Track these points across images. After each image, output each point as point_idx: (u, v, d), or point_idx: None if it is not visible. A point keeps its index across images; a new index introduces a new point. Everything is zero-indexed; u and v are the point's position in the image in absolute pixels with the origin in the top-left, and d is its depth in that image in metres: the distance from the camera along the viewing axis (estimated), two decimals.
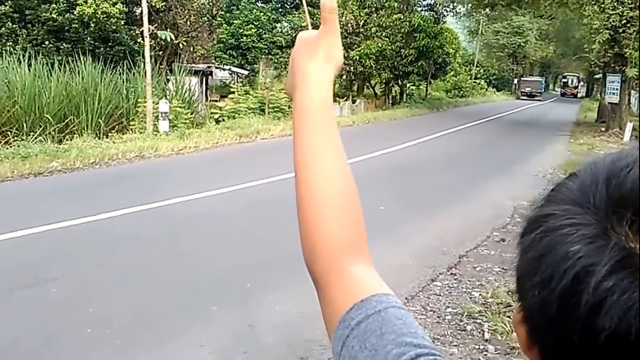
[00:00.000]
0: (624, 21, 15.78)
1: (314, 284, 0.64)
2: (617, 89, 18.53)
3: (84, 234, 5.77)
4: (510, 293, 4.48)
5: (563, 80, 56.50)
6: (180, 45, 18.70)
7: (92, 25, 16.65)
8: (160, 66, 16.86)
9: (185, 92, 15.88)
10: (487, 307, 4.33)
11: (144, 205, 6.78)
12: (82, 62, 13.75)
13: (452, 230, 6.37)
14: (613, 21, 15.76)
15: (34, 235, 5.60)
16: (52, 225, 5.85)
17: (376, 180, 9.47)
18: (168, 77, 16.37)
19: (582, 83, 58.29)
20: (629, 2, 15.43)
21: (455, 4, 26.81)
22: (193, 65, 19.41)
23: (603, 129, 18.89)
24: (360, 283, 0.59)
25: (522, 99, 42.84)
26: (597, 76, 37.03)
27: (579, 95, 54.84)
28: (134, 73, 14.86)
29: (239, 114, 15.88)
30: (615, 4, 15.54)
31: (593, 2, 16.16)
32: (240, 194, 7.75)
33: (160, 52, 18.01)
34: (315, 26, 0.72)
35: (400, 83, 28.06)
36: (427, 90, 30.50)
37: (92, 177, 8.86)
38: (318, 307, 0.62)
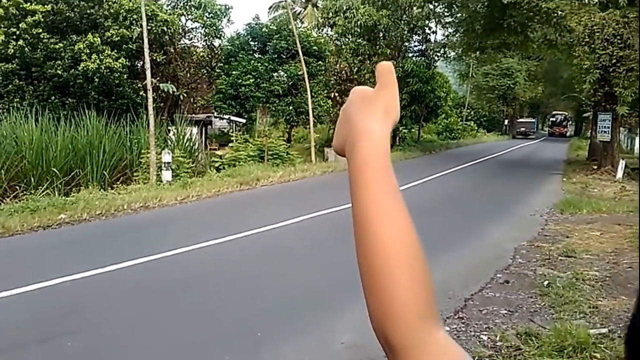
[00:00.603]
0: (614, 60, 16.18)
1: (386, 350, 0.59)
2: (608, 127, 18.83)
3: (94, 286, 5.91)
4: (519, 335, 4.54)
5: (551, 119, 55.91)
6: (181, 96, 19.26)
7: (96, 80, 17.22)
8: (162, 117, 17.35)
9: (187, 142, 16.28)
10: (497, 351, 4.34)
11: (151, 256, 6.93)
12: (87, 116, 14.19)
13: (455, 274, 6.48)
14: (603, 61, 16.16)
15: (45, 289, 5.71)
16: (63, 278, 5.97)
17: None
18: (169, 128, 16.82)
19: (570, 121, 57.45)
20: (618, 41, 15.91)
21: (446, 49, 27.67)
22: (193, 115, 19.97)
23: (595, 167, 19.09)
24: (450, 350, 0.57)
25: (517, 138, 46.65)
26: (586, 114, 37.93)
27: (568, 133, 54.44)
28: (136, 125, 15.28)
29: (239, 162, 16.25)
30: (605, 44, 15.97)
31: (583, 43, 16.58)
32: (245, 241, 7.93)
33: (162, 104, 18.54)
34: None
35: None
36: (419, 133, 31.11)
37: (99, 228, 9.06)
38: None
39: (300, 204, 11.18)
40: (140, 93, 16.86)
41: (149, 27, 14.77)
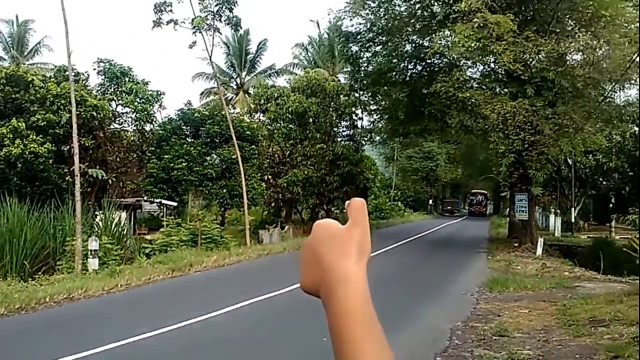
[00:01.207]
0: (526, 145, 17.53)
1: None
2: (525, 207, 20.10)
3: None
4: None
5: (471, 197, 56.16)
6: (110, 181, 18.78)
7: (19, 165, 16.52)
8: (89, 202, 16.73)
9: (115, 227, 15.71)
10: None
11: (74, 355, 6.44)
12: (8, 202, 13.44)
13: None
14: (517, 146, 17.44)
15: None
16: None
17: (314, 309, 9.63)
18: (96, 213, 16.21)
19: (489, 200, 58.03)
20: (529, 128, 17.30)
21: (372, 134, 29.09)
22: (122, 199, 19.41)
23: (516, 244, 19.98)
24: None
25: (445, 216, 50.88)
26: (503, 194, 40.45)
27: (487, 212, 55.62)
28: (61, 211, 14.63)
29: (171, 247, 15.77)
30: (517, 130, 17.26)
31: (497, 129, 17.86)
32: (177, 334, 7.54)
33: (89, 189, 17.95)
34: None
35: (326, 207, 29.20)
36: None
37: (18, 324, 8.39)
38: None
39: (236, 290, 10.92)
40: (67, 178, 16.30)
41: (77, 112, 14.59)
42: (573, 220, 28.23)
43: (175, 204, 21.66)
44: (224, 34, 42.47)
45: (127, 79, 20.63)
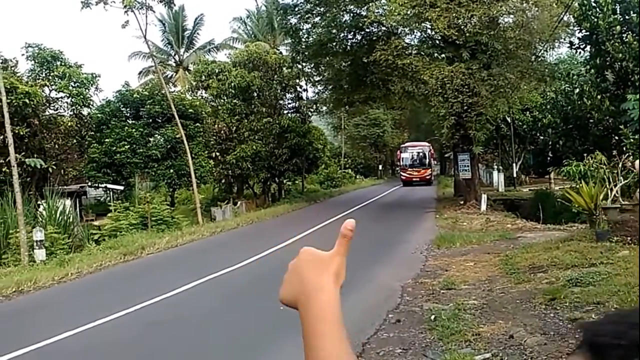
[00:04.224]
0: (465, 107, 18.14)
1: None
2: (468, 166, 20.90)
3: None
4: None
5: (402, 155, 56.55)
6: (50, 169, 18.10)
7: None
8: (30, 192, 16.12)
9: (60, 216, 15.25)
10: None
11: (30, 347, 6.31)
12: None
13: (351, 319, 6.73)
14: (456, 108, 18.00)
15: None
16: None
17: (270, 280, 9.80)
18: (39, 203, 15.67)
19: (434, 158, 60.60)
20: (467, 90, 17.84)
21: (317, 105, 29.16)
22: (65, 187, 18.78)
23: (462, 202, 20.84)
24: None
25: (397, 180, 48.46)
26: (447, 155, 41.62)
27: (435, 172, 56.77)
28: (1, 204, 14.07)
29: (120, 232, 15.49)
30: (456, 93, 17.73)
31: (437, 94, 18.31)
32: (133, 317, 7.54)
33: (28, 179, 17.24)
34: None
35: (277, 181, 29.29)
36: (303, 184, 32.06)
37: None
38: None
39: (190, 269, 10.92)
40: (3, 169, 15.58)
41: (8, 100, 13.92)
42: (515, 175, 29.46)
43: (121, 187, 21.16)
44: (157, 11, 41.15)
45: (58, 63, 19.71)
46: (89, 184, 21.41)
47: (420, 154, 39.88)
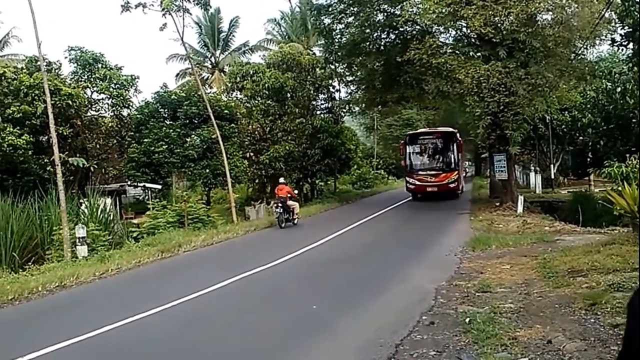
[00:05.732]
0: (502, 107, 17.84)
1: None
2: (504, 166, 20.52)
3: None
4: None
5: (414, 148, 54.62)
6: (92, 168, 18.67)
7: None
8: (73, 191, 16.68)
9: (101, 213, 15.73)
10: None
11: (72, 339, 6.52)
12: None
13: (384, 320, 6.73)
14: (492, 107, 17.75)
15: None
16: None
17: (305, 279, 9.89)
18: (81, 201, 16.18)
19: (469, 163, 58.23)
20: (503, 89, 17.56)
21: (350, 105, 29.14)
22: (106, 186, 19.37)
23: (497, 204, 20.39)
24: None
25: None
26: (483, 155, 40.95)
27: (469, 174, 55.50)
28: (45, 201, 14.60)
29: (158, 229, 15.87)
30: (492, 92, 17.50)
31: (472, 93, 18.11)
32: (171, 312, 7.72)
33: (71, 177, 17.86)
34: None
35: (310, 181, 29.41)
36: (335, 185, 32.08)
37: (12, 315, 8.45)
38: None
39: (226, 267, 11.07)
40: (48, 168, 16.17)
41: (53, 102, 14.43)
42: (553, 176, 28.79)
43: (159, 186, 21.65)
44: (194, 14, 41.86)
45: (99, 66, 20.33)
46: (129, 182, 21.99)
47: (439, 146, 25.29)
